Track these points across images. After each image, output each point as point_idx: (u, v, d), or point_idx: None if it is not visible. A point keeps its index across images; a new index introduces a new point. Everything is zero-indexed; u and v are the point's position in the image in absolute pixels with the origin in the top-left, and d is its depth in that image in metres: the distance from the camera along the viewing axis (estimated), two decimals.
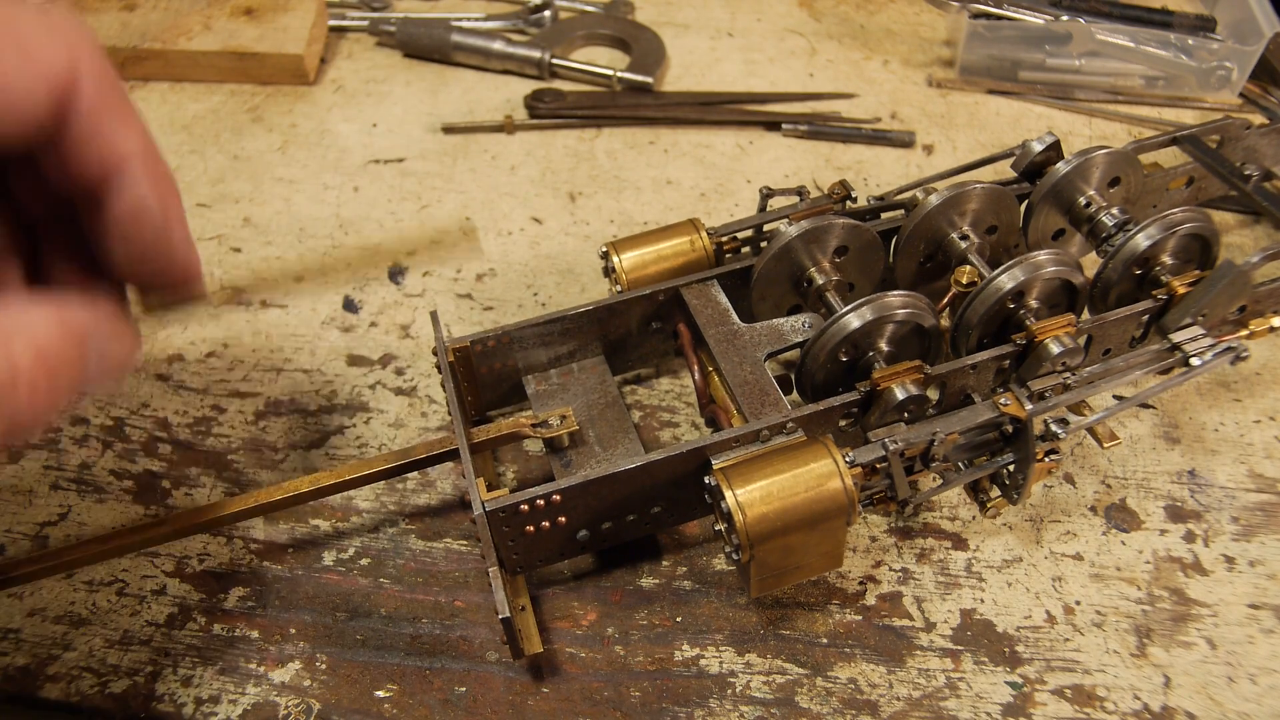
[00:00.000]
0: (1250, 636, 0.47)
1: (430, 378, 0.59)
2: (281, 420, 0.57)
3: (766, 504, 0.41)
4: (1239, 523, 0.52)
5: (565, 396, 0.54)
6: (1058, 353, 0.48)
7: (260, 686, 0.46)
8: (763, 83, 0.80)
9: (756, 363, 0.49)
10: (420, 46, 0.82)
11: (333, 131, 0.76)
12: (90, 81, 0.32)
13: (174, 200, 0.36)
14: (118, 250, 0.36)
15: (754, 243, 0.57)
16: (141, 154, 0.35)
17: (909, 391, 0.46)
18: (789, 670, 0.46)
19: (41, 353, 0.30)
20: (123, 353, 0.35)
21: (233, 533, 0.52)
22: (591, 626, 0.48)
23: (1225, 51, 0.75)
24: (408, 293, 0.64)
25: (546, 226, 0.69)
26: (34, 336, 0.30)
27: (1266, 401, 0.57)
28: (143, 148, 0.35)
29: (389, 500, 0.53)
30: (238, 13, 0.79)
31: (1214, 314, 0.52)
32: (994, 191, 0.54)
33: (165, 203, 0.36)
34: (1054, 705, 0.45)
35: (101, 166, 0.34)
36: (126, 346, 0.35)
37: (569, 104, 0.77)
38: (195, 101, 0.79)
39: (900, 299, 0.48)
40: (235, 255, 0.67)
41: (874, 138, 0.75)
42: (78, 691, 0.46)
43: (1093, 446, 0.55)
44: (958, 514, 0.52)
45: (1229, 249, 0.66)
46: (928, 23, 0.86)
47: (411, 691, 0.46)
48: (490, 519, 0.43)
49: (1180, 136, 0.61)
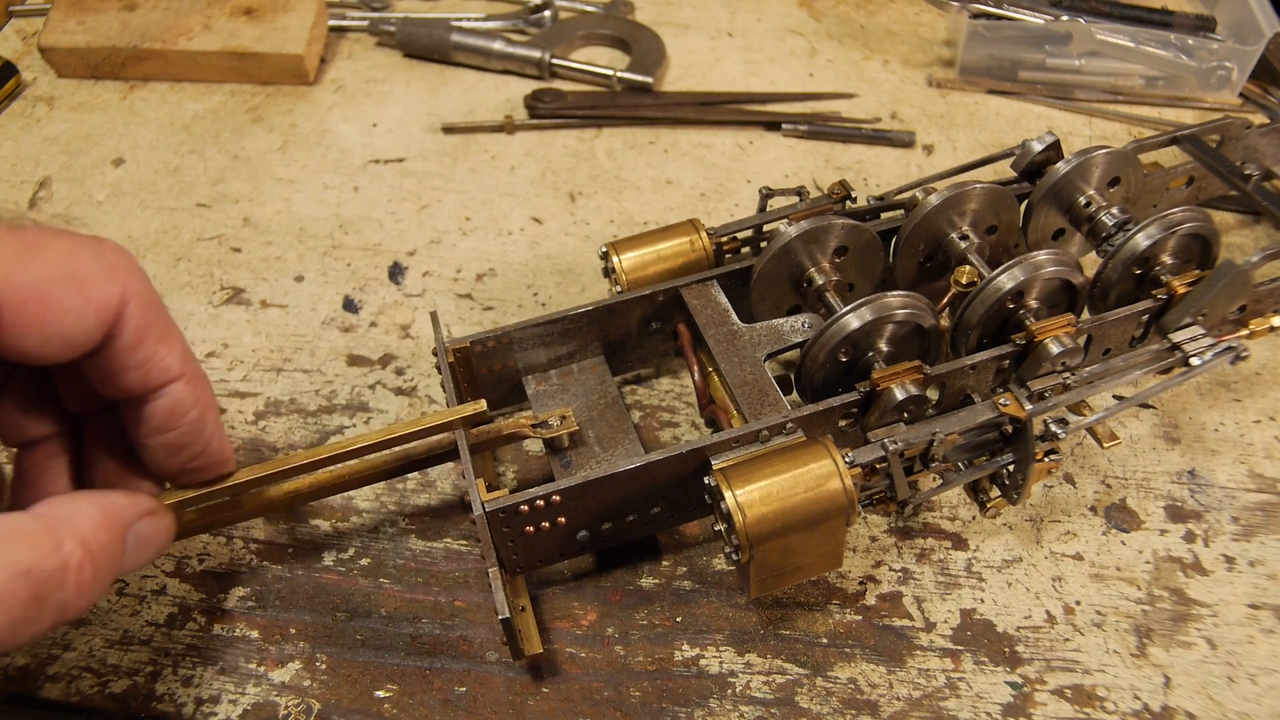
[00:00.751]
0: (1250, 636, 0.47)
1: (430, 378, 0.59)
2: (281, 420, 0.57)
3: (766, 504, 0.41)
4: (1239, 523, 0.52)
5: (565, 397, 0.54)
6: (1057, 353, 0.48)
7: (260, 686, 0.46)
8: (763, 83, 0.80)
9: (756, 363, 0.49)
10: (420, 46, 0.82)
11: (333, 131, 0.76)
12: (137, 309, 0.36)
13: (210, 401, 0.40)
14: (155, 443, 0.39)
15: (754, 243, 0.57)
16: (180, 366, 0.38)
17: (909, 392, 0.46)
18: (789, 670, 0.46)
19: (88, 546, 0.33)
20: (158, 539, 0.39)
21: (233, 533, 0.52)
22: (591, 626, 0.48)
23: (1225, 51, 0.75)
24: (408, 293, 0.64)
25: (546, 226, 0.69)
26: (81, 532, 0.33)
27: (1266, 401, 0.57)
28: (181, 361, 0.38)
29: (389, 500, 0.53)
30: (238, 13, 0.79)
31: (1214, 314, 0.52)
32: (994, 191, 0.54)
33: (202, 404, 0.39)
34: (1054, 705, 0.45)
35: (143, 379, 0.37)
36: (162, 533, 0.39)
37: (569, 104, 0.77)
38: (195, 101, 0.79)
39: (900, 299, 0.48)
40: (235, 255, 0.67)
41: (874, 138, 0.75)
42: (78, 691, 0.46)
43: (1093, 446, 0.55)
44: (958, 514, 0.52)
45: (1229, 249, 0.66)
46: (928, 23, 0.86)
47: (411, 691, 0.46)
48: (490, 519, 0.43)
49: (1180, 136, 0.61)
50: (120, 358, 0.36)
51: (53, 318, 0.33)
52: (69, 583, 0.32)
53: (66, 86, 0.80)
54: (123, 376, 0.37)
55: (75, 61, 0.79)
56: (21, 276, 0.32)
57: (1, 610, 0.30)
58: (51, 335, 0.33)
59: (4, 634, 0.30)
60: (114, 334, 0.35)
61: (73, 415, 0.40)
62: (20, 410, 0.39)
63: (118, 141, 0.75)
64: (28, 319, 0.32)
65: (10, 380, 0.38)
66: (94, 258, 0.35)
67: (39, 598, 0.31)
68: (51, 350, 0.34)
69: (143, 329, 0.36)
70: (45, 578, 0.31)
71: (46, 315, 0.33)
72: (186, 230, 0.68)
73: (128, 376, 0.37)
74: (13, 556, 0.31)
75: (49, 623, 0.32)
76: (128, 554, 0.36)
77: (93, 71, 0.80)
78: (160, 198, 0.71)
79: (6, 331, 0.32)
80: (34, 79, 0.81)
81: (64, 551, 0.32)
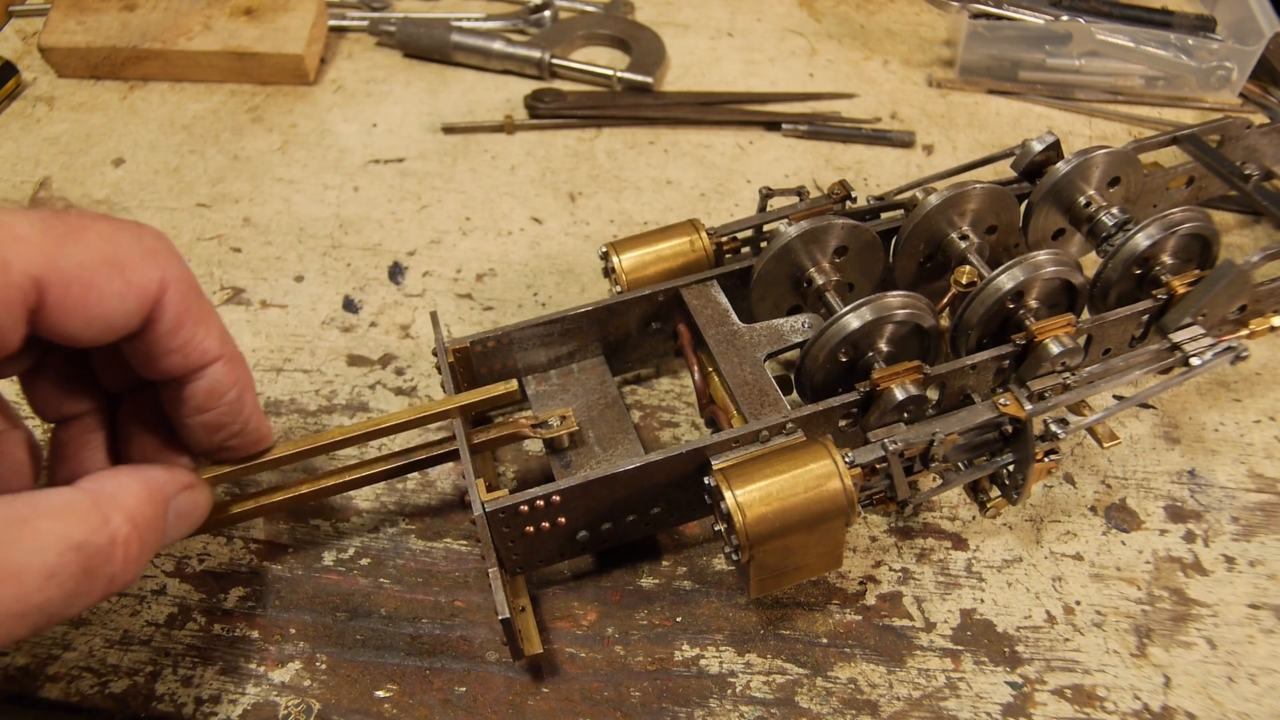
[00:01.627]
0: (1250, 636, 0.47)
1: (430, 378, 0.59)
2: (281, 420, 0.57)
3: (766, 504, 0.41)
4: (1239, 523, 0.52)
5: (565, 397, 0.54)
6: (1057, 353, 0.48)
7: (260, 686, 0.46)
8: (763, 83, 0.80)
9: (756, 363, 0.49)
10: (420, 46, 0.82)
11: (333, 131, 0.76)
12: (176, 293, 0.36)
13: (248, 382, 0.41)
14: (194, 423, 0.40)
15: (754, 243, 0.57)
16: (219, 349, 0.38)
17: (909, 392, 0.46)
18: (789, 670, 0.46)
19: (134, 520, 0.34)
20: (196, 512, 0.40)
21: (233, 533, 0.52)
22: (591, 626, 0.48)
23: (1225, 51, 0.75)
24: (408, 293, 0.64)
25: (546, 226, 0.69)
26: (127, 506, 0.34)
27: (1266, 401, 0.57)
28: (220, 343, 0.39)
29: (389, 500, 0.53)
30: (238, 13, 0.79)
31: (1214, 314, 0.52)
32: (994, 191, 0.54)
33: (240, 385, 0.40)
34: (1054, 705, 0.45)
35: (183, 362, 0.38)
36: (200, 506, 0.40)
37: (569, 104, 0.77)
38: (195, 101, 0.79)
39: (900, 299, 0.48)
40: (235, 255, 0.67)
41: (874, 138, 0.75)
42: (78, 691, 0.46)
43: (1093, 446, 0.55)
44: (958, 514, 0.52)
45: (1229, 249, 0.66)
46: (928, 23, 0.86)
47: (411, 691, 0.46)
48: (490, 519, 0.43)
49: (1180, 136, 0.61)
50: (160, 341, 0.36)
51: (95, 301, 0.34)
52: (118, 556, 0.33)
53: (66, 86, 0.80)
54: (163, 359, 0.37)
55: (75, 61, 0.79)
56: (65, 260, 0.33)
57: (55, 583, 0.31)
58: (93, 319, 0.34)
59: (58, 606, 0.31)
60: (154, 318, 0.36)
61: (109, 392, 0.41)
62: (58, 387, 0.39)
63: (118, 141, 0.75)
64: (70, 302, 0.33)
65: (49, 358, 0.39)
66: (134, 242, 0.35)
67: (89, 571, 0.32)
68: (93, 333, 0.34)
69: (182, 312, 0.36)
70: (95, 551, 0.32)
71: (89, 299, 0.33)
72: (186, 230, 0.68)
73: (168, 359, 0.37)
74: (64, 531, 0.31)
75: (99, 595, 0.33)
76: (169, 527, 0.37)
77: (93, 71, 0.80)
78: (160, 198, 0.71)
79: (50, 314, 0.33)
80: (34, 79, 0.81)
81: (112, 526, 0.33)
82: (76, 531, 0.32)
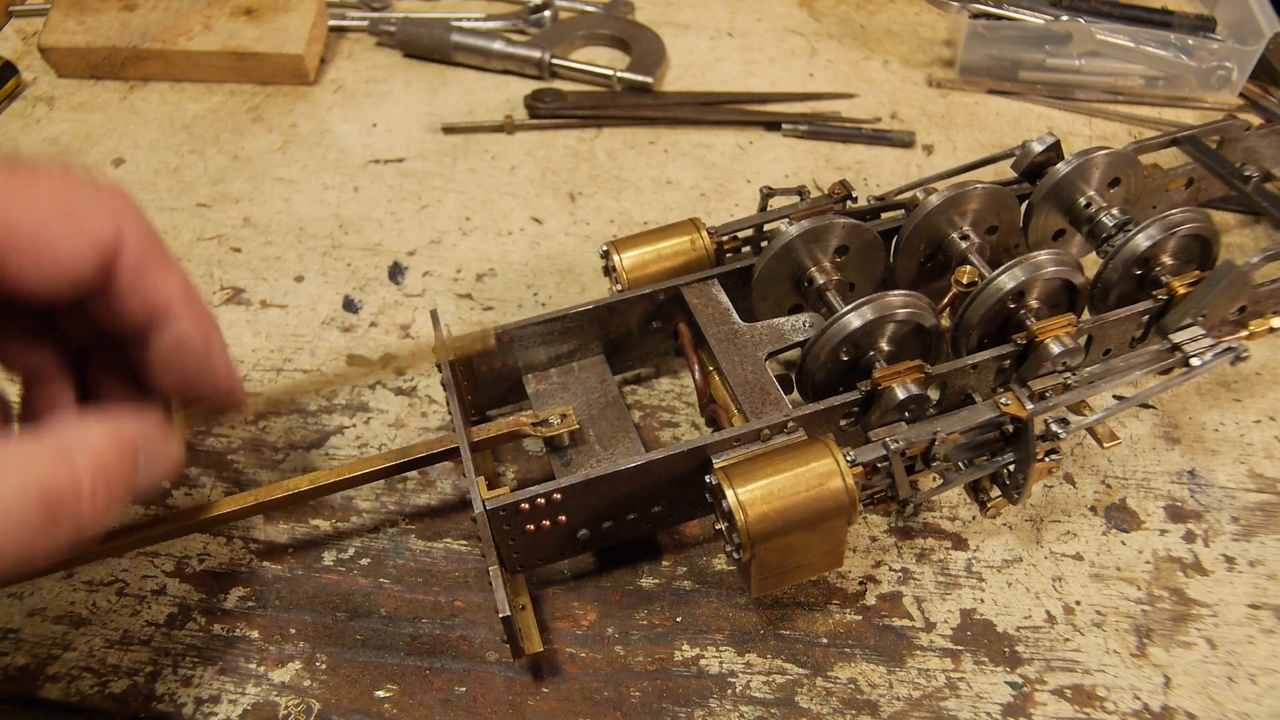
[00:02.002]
0: (1250, 636, 0.47)
1: (430, 378, 0.59)
2: (281, 420, 0.57)
3: (767, 503, 0.41)
4: (1239, 523, 0.52)
5: (565, 396, 0.54)
6: (1058, 353, 0.48)
7: (260, 686, 0.46)
8: (763, 83, 0.80)
9: (757, 362, 0.49)
10: (420, 46, 0.82)
11: (333, 131, 0.76)
12: (133, 241, 0.36)
13: (214, 332, 0.40)
14: (163, 376, 0.39)
15: (754, 242, 0.57)
16: (181, 298, 0.38)
17: (910, 391, 0.46)
18: (789, 670, 0.46)
19: (100, 464, 0.34)
20: (168, 460, 0.39)
21: (233, 533, 0.52)
22: (591, 626, 0.48)
23: (1225, 51, 0.75)
24: (408, 293, 0.64)
25: (546, 226, 0.69)
26: (92, 450, 0.34)
27: (1266, 401, 0.57)
28: (182, 293, 0.38)
29: (389, 500, 0.53)
30: (238, 13, 0.79)
31: (1214, 314, 0.52)
32: (994, 191, 0.54)
33: (207, 335, 0.39)
34: (1054, 705, 0.45)
35: (145, 313, 0.37)
36: (172, 454, 0.39)
37: (569, 104, 0.77)
38: (195, 101, 0.79)
39: (901, 299, 0.48)
40: (235, 255, 0.67)
41: (874, 138, 0.75)
42: (78, 691, 0.46)
43: (1093, 446, 0.55)
44: (958, 514, 0.52)
45: (1229, 249, 0.66)
46: (928, 23, 0.86)
47: (411, 691, 0.46)
48: (490, 518, 0.43)
49: (1180, 137, 0.61)
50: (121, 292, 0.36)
51: (48, 252, 0.33)
52: (84, 498, 0.33)
53: (66, 86, 0.80)
54: (124, 309, 0.37)
55: (75, 61, 0.79)
56: (16, 212, 0.32)
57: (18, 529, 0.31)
58: (48, 270, 0.33)
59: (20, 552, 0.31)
60: (112, 269, 0.36)
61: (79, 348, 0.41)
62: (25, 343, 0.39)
63: (118, 141, 0.75)
64: (23, 254, 0.33)
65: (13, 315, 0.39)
66: (88, 191, 0.35)
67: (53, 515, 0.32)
68: (51, 286, 0.34)
69: (140, 262, 0.36)
70: (59, 495, 0.32)
71: (41, 250, 0.33)
72: (186, 230, 0.68)
73: (129, 311, 0.37)
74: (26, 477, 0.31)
75: (65, 539, 0.32)
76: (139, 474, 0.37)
77: (93, 71, 0.80)
78: (160, 198, 0.71)
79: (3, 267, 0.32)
80: (34, 79, 0.81)
81: (76, 469, 0.33)
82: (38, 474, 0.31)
